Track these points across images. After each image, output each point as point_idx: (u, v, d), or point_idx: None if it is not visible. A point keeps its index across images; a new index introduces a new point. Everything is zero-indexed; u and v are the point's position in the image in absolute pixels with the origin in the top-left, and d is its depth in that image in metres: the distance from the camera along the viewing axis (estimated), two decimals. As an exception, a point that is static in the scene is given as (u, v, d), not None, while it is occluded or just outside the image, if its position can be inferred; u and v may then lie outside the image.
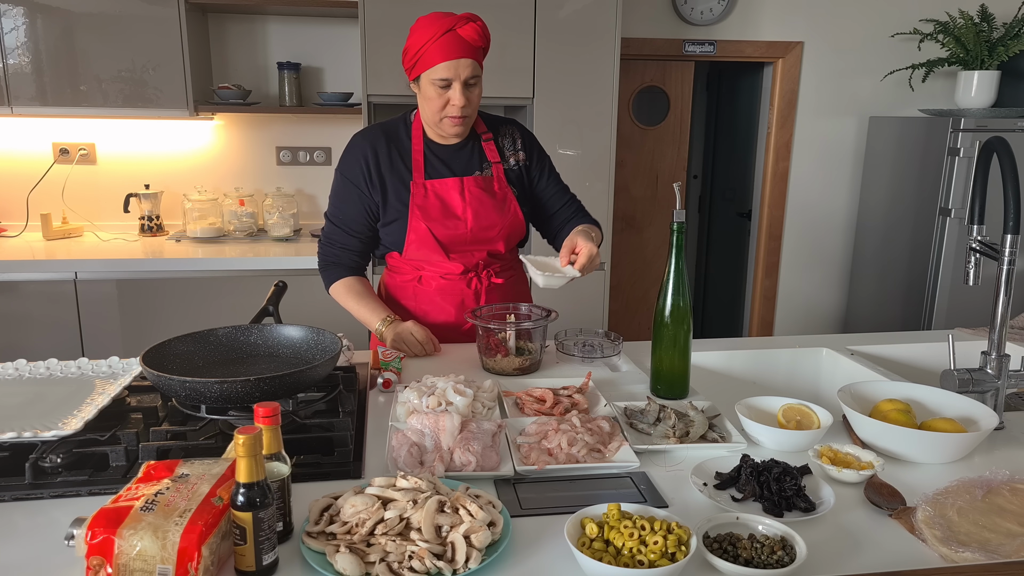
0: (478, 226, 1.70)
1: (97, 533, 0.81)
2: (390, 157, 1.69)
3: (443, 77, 1.55)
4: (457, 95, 1.56)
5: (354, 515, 0.92)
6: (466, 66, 1.54)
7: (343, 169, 1.72)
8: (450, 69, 1.54)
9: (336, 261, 1.76)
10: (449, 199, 1.69)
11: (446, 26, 1.52)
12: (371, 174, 1.68)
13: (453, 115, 1.60)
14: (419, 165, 1.69)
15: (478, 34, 1.54)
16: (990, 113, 3.32)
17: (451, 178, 1.69)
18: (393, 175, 1.69)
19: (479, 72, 1.59)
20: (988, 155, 1.31)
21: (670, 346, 1.39)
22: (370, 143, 1.70)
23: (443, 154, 1.71)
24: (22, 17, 2.74)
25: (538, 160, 1.80)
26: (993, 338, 1.32)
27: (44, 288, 2.71)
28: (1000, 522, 0.98)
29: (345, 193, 1.71)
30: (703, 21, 3.50)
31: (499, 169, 1.73)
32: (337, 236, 1.74)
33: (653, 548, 0.86)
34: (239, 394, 1.17)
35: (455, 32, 1.52)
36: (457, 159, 1.71)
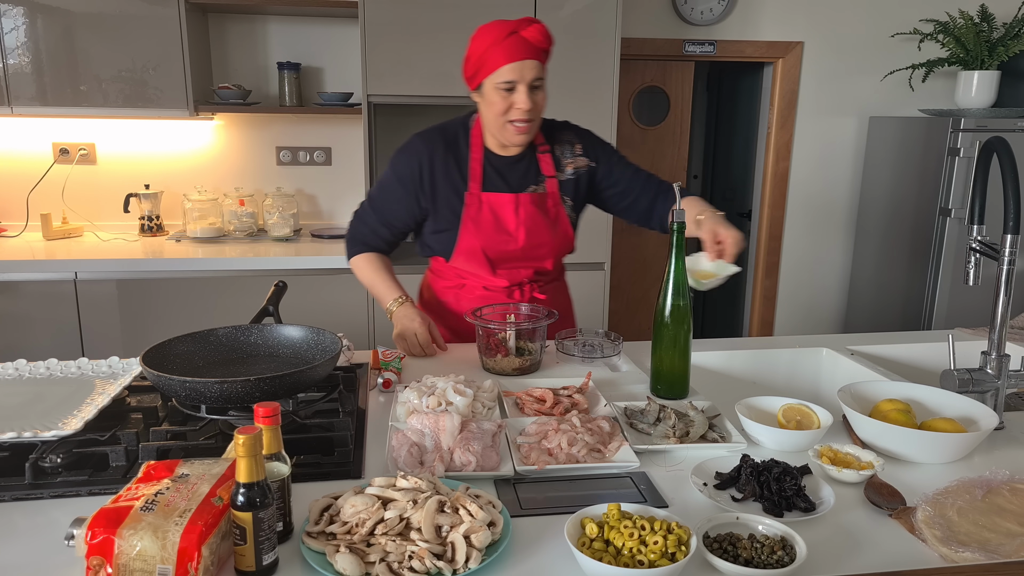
0: (529, 244, 1.69)
1: (97, 533, 0.81)
2: (446, 165, 1.66)
3: (507, 80, 1.52)
4: (522, 98, 1.53)
5: (354, 515, 0.92)
6: (531, 67, 1.51)
7: (396, 166, 1.69)
8: (515, 71, 1.51)
9: (362, 240, 1.77)
10: (503, 215, 1.66)
11: (509, 29, 1.50)
12: (423, 180, 1.66)
13: (518, 119, 1.56)
14: (476, 175, 1.66)
15: (543, 35, 1.52)
16: (990, 113, 3.32)
17: (507, 193, 1.66)
18: (447, 184, 1.66)
19: (543, 75, 1.56)
20: (988, 155, 1.31)
21: (670, 346, 1.39)
22: (429, 148, 1.67)
23: (500, 166, 1.68)
24: (22, 17, 2.74)
25: (604, 158, 1.75)
26: (993, 338, 1.32)
27: (44, 288, 2.71)
28: (1000, 522, 0.98)
29: (391, 189, 1.70)
30: (703, 21, 3.50)
31: (553, 184, 1.70)
32: (370, 220, 1.75)
33: (653, 548, 0.86)
34: (239, 394, 1.17)
35: (519, 34, 1.50)
36: (513, 172, 1.68)
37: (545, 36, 1.53)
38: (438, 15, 2.78)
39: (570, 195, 1.72)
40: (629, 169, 1.77)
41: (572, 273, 3.04)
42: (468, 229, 1.67)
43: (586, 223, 3.00)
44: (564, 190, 1.71)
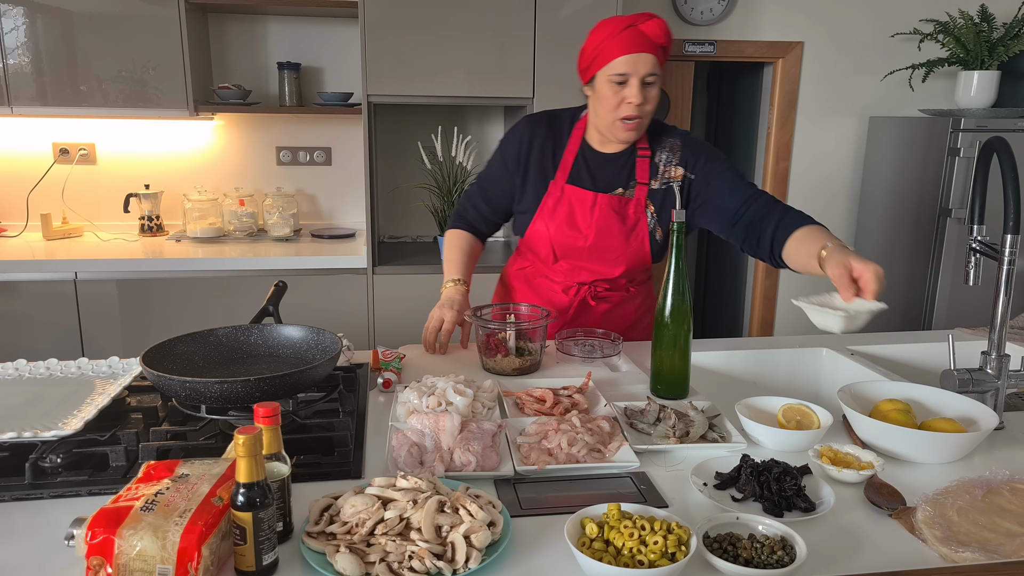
0: (597, 246, 1.66)
1: (97, 533, 0.81)
2: (543, 149, 1.67)
3: (621, 72, 1.50)
4: (634, 92, 1.51)
5: (354, 515, 0.92)
6: (646, 61, 1.49)
7: (502, 144, 1.73)
8: (629, 63, 1.49)
9: (464, 215, 1.81)
10: (578, 210, 1.65)
11: (627, 23, 1.49)
12: (520, 159, 1.68)
13: (628, 115, 1.53)
14: (566, 167, 1.65)
15: (661, 30, 1.49)
16: (990, 113, 3.32)
17: (588, 191, 1.64)
18: (539, 169, 1.68)
19: (658, 72, 1.52)
20: (988, 155, 1.31)
21: (670, 346, 1.39)
22: (531, 130, 1.68)
23: (594, 162, 1.66)
24: (22, 17, 2.74)
25: (704, 168, 1.64)
26: (993, 338, 1.32)
27: (44, 288, 2.71)
28: (1000, 522, 0.98)
29: (495, 165, 1.74)
30: (703, 21, 3.50)
31: (643, 191, 1.64)
32: (475, 197, 1.79)
33: (653, 548, 0.86)
34: (239, 394, 1.17)
35: (636, 27, 1.48)
36: (605, 171, 1.65)
37: (664, 32, 1.50)
38: (438, 15, 2.78)
39: (656, 205, 1.65)
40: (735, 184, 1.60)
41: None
42: (543, 216, 1.67)
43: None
44: (652, 198, 1.65)
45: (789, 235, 1.47)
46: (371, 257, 2.89)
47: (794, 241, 1.46)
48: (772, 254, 1.53)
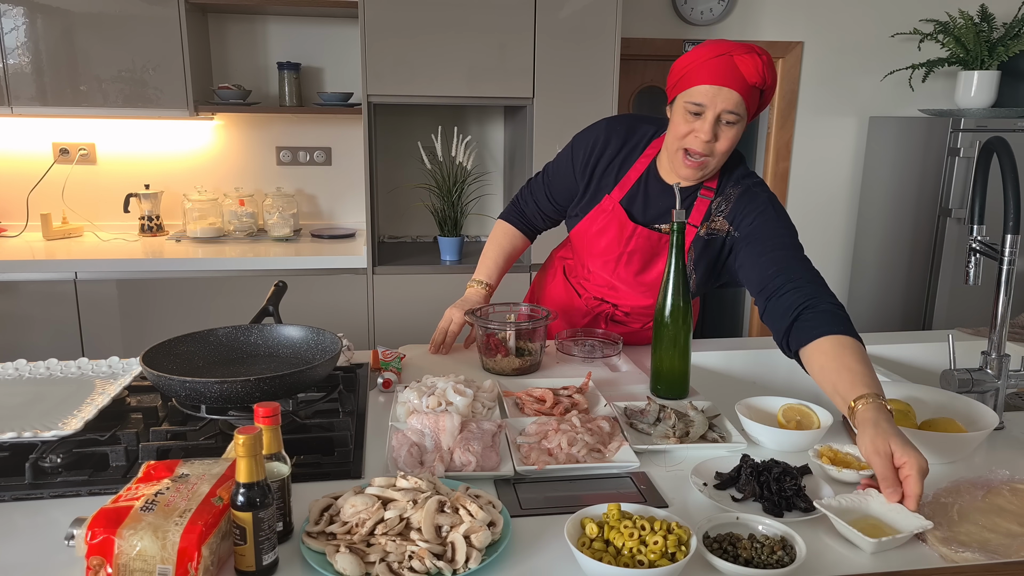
0: (623, 277, 1.59)
1: (97, 533, 0.81)
2: (612, 159, 1.55)
3: (697, 101, 1.35)
4: (706, 127, 1.35)
5: (354, 515, 0.92)
6: (727, 97, 1.33)
7: (575, 141, 1.62)
8: (708, 94, 1.34)
9: (524, 208, 1.75)
10: (615, 236, 1.55)
11: (723, 50, 1.33)
12: (588, 162, 1.57)
13: (693, 148, 1.39)
14: (626, 185, 1.53)
15: (756, 68, 1.32)
16: (990, 113, 3.32)
17: (630, 222, 1.53)
18: (603, 177, 1.57)
19: (742, 112, 1.35)
20: (988, 155, 1.31)
21: (670, 346, 1.39)
22: (607, 135, 1.56)
23: (654, 190, 1.52)
24: (22, 17, 2.74)
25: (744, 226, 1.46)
26: (993, 338, 1.32)
27: (44, 288, 2.71)
28: (1000, 522, 0.98)
29: (563, 159, 1.64)
30: (703, 21, 3.50)
31: (690, 232, 1.50)
32: (539, 191, 1.71)
33: (653, 548, 0.86)
34: (239, 394, 1.17)
35: (730, 57, 1.32)
36: (660, 201, 1.52)
37: (758, 71, 1.33)
38: (438, 15, 2.78)
39: (697, 253, 1.51)
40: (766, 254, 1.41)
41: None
42: (585, 225, 1.59)
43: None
44: (695, 244, 1.51)
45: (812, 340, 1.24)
46: (371, 257, 2.89)
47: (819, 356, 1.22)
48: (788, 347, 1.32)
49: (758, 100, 1.39)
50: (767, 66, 1.35)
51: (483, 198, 3.50)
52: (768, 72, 1.35)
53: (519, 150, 3.13)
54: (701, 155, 1.39)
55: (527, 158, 2.98)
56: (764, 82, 1.35)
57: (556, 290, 1.81)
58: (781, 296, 1.33)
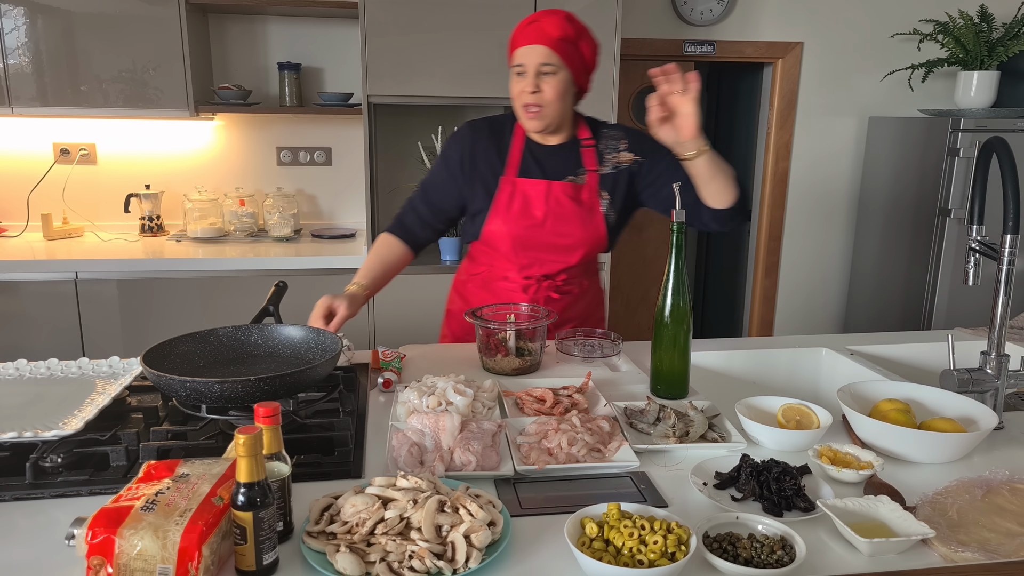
0: (555, 232, 1.70)
1: (98, 533, 0.81)
2: (488, 150, 1.73)
3: (518, 63, 1.61)
4: (527, 82, 1.59)
5: (354, 515, 0.92)
6: (538, 52, 1.57)
7: (444, 151, 1.79)
8: (523, 55, 1.59)
9: (404, 220, 1.82)
10: (533, 200, 1.69)
11: (531, 19, 1.60)
12: (465, 161, 1.73)
13: (527, 101, 1.61)
14: (514, 162, 1.71)
15: (557, 24, 1.56)
16: (990, 113, 3.32)
17: (540, 180, 1.70)
18: (487, 168, 1.72)
19: (556, 62, 1.58)
20: (988, 155, 1.32)
21: (670, 346, 1.39)
22: (473, 133, 1.75)
23: (540, 154, 1.72)
24: (22, 17, 2.74)
25: (651, 152, 1.69)
26: (992, 338, 1.32)
27: (44, 288, 2.71)
28: (1000, 522, 0.98)
29: (438, 171, 1.78)
30: (703, 21, 3.51)
31: (593, 177, 1.70)
32: (418, 203, 1.80)
33: (653, 548, 0.86)
34: (239, 394, 1.17)
35: (537, 21, 1.58)
36: (552, 161, 1.71)
37: (560, 25, 1.56)
38: (438, 15, 2.78)
39: (608, 190, 1.71)
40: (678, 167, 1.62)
41: (572, 273, 3.05)
42: (498, 212, 1.70)
43: (586, 223, 3.01)
44: (603, 184, 1.71)
45: None
46: (371, 257, 2.89)
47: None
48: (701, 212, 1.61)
49: (576, 52, 1.60)
50: (569, 20, 1.58)
51: (483, 198, 3.50)
52: (570, 25, 1.58)
53: (519, 150, 3.13)
54: (535, 105, 1.61)
55: (527, 158, 2.98)
56: (569, 35, 1.57)
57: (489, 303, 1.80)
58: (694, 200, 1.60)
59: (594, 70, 1.67)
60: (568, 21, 1.58)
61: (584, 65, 1.64)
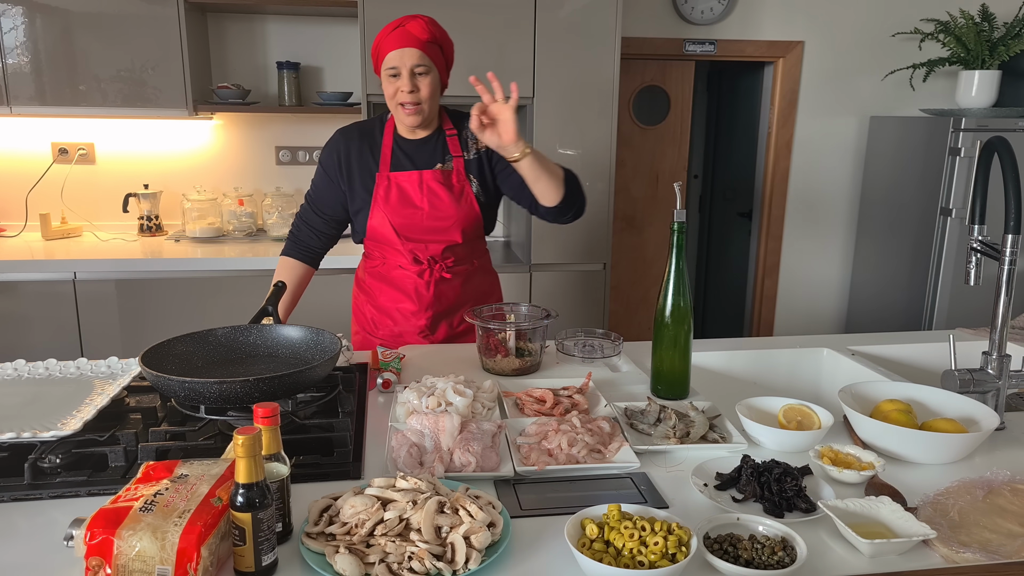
0: (433, 215, 1.80)
1: (96, 534, 0.81)
2: (361, 151, 1.83)
3: (392, 66, 1.69)
4: (404, 82, 1.69)
5: (354, 516, 0.92)
6: (411, 55, 1.67)
7: (321, 159, 1.90)
8: (396, 58, 1.68)
9: (298, 237, 1.91)
10: (409, 190, 1.80)
11: (397, 24, 1.69)
12: (342, 165, 1.84)
13: (403, 101, 1.71)
14: (386, 159, 1.82)
15: (423, 27, 1.68)
16: (991, 113, 3.32)
17: (413, 171, 1.80)
18: (362, 167, 1.83)
19: (427, 63, 1.70)
20: (989, 155, 1.31)
21: (670, 346, 1.39)
22: (345, 139, 1.86)
23: (409, 149, 1.83)
24: (21, 17, 2.74)
25: None
26: (994, 338, 1.32)
27: (43, 288, 2.71)
28: (1001, 523, 0.98)
29: (319, 180, 1.90)
30: (703, 20, 3.50)
31: (459, 163, 1.82)
32: (307, 214, 1.91)
33: (653, 549, 0.86)
34: (238, 394, 1.16)
35: (403, 26, 1.68)
36: (421, 153, 1.82)
37: (426, 28, 1.68)
38: (438, 14, 2.77)
39: (475, 174, 1.83)
40: None
41: (572, 272, 3.05)
42: (378, 206, 1.80)
43: (586, 223, 3.01)
44: (469, 169, 1.83)
45: None
46: (371, 257, 2.88)
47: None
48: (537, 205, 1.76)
49: (441, 53, 1.73)
50: (431, 23, 1.70)
51: (483, 198, 3.50)
52: (434, 28, 1.70)
53: (519, 150, 3.13)
54: (412, 103, 1.71)
55: (527, 158, 2.97)
56: (434, 36, 1.69)
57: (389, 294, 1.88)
58: None
59: (452, 66, 1.81)
60: (431, 24, 1.70)
61: (447, 64, 1.78)
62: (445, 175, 1.81)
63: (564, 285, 3.06)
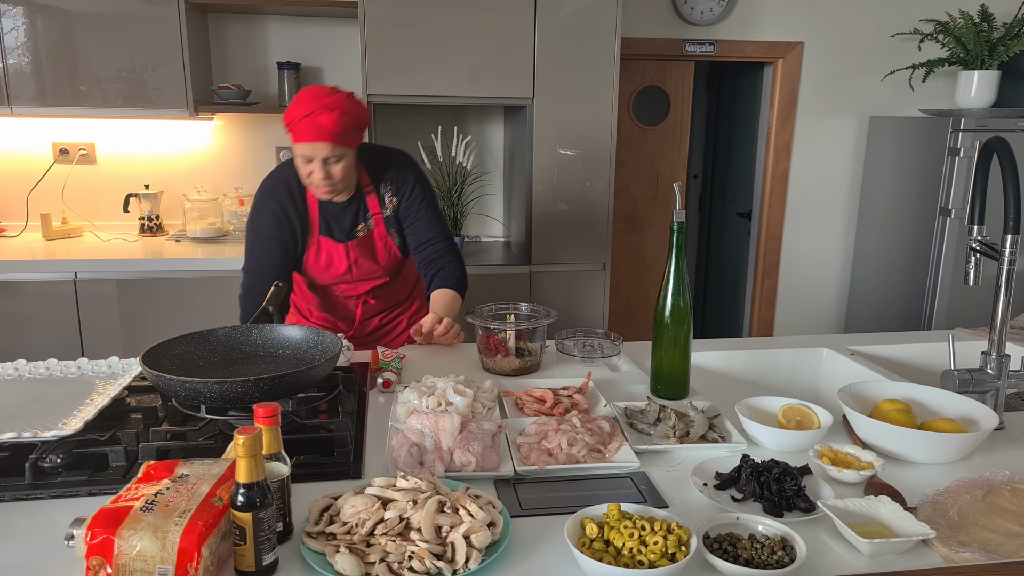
0: (359, 275, 1.88)
1: (97, 533, 0.81)
2: (296, 207, 1.81)
3: (303, 153, 1.67)
4: (316, 172, 1.68)
5: (354, 515, 0.92)
6: (322, 148, 1.64)
7: (256, 226, 1.81)
8: (307, 149, 1.66)
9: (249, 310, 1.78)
10: (335, 258, 1.84)
11: (307, 111, 1.62)
12: (283, 223, 1.80)
13: (315, 184, 1.70)
14: (315, 220, 1.83)
15: (335, 122, 1.61)
16: (990, 113, 3.32)
17: (338, 243, 1.83)
18: (295, 223, 1.81)
19: (340, 152, 1.67)
20: (988, 155, 1.31)
21: (670, 346, 1.39)
22: (277, 199, 1.80)
23: (333, 212, 1.83)
24: (22, 17, 2.74)
25: (410, 199, 1.86)
26: (993, 338, 1.32)
27: (44, 288, 2.71)
28: (1000, 522, 0.98)
29: (262, 246, 1.80)
30: (703, 21, 3.50)
31: (379, 219, 1.85)
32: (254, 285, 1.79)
33: (653, 548, 0.86)
34: (239, 394, 1.17)
35: (313, 117, 1.62)
36: (344, 217, 1.83)
37: (338, 122, 1.61)
38: (438, 15, 2.78)
39: (394, 228, 1.87)
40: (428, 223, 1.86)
41: (572, 272, 3.05)
42: (307, 262, 1.86)
43: (587, 223, 3.02)
44: (389, 224, 1.87)
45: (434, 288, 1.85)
46: (371, 257, 2.88)
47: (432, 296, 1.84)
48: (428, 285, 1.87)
49: (355, 133, 1.69)
50: (344, 116, 1.62)
51: (483, 198, 3.50)
52: (346, 119, 1.63)
53: (519, 150, 3.13)
54: (326, 186, 1.71)
55: (527, 158, 2.98)
56: (346, 127, 1.64)
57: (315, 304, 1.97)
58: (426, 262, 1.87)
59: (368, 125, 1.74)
60: (344, 116, 1.62)
61: (362, 133, 1.73)
62: (367, 238, 1.84)
63: (564, 285, 3.07)
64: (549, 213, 3.00)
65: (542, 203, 2.99)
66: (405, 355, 1.66)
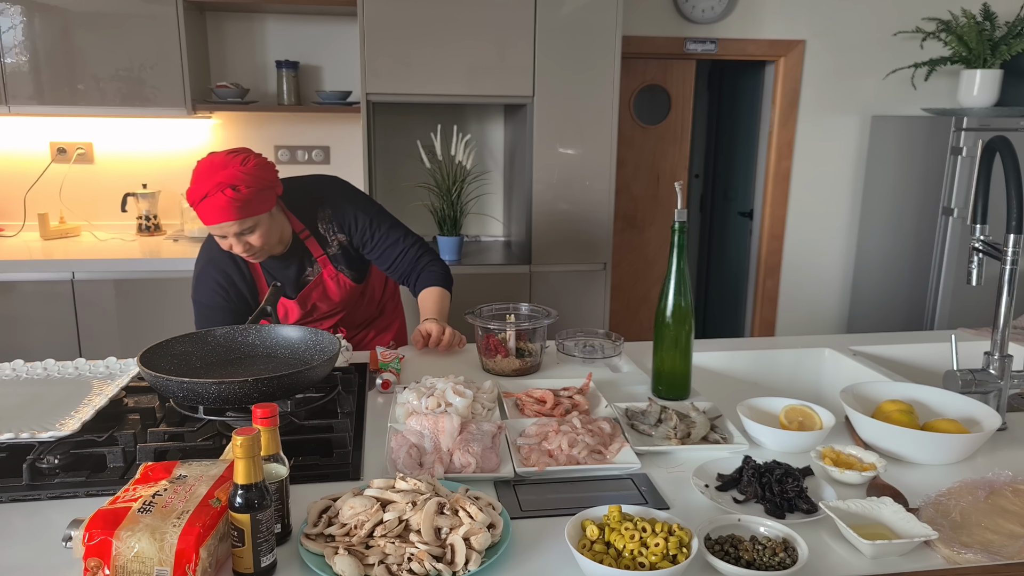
0: (320, 315, 1.87)
1: (95, 535, 0.81)
2: (240, 272, 1.76)
3: (216, 234, 1.63)
4: (235, 246, 1.63)
5: (353, 517, 0.91)
6: (229, 227, 1.58)
7: (202, 299, 1.77)
8: (215, 229, 1.61)
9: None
10: (290, 310, 1.82)
11: (203, 192, 1.55)
12: (228, 292, 1.76)
13: (240, 253, 1.66)
14: (262, 281, 1.79)
15: (230, 200, 1.53)
16: (993, 112, 3.31)
17: (290, 300, 1.80)
18: (246, 287, 1.78)
19: (251, 223, 1.60)
20: (991, 154, 1.31)
21: (671, 346, 1.39)
22: (217, 267, 1.75)
23: (276, 268, 1.78)
24: (19, 16, 2.73)
25: (359, 230, 1.81)
26: (996, 338, 1.31)
27: (41, 288, 2.71)
28: (1003, 523, 0.98)
29: (212, 319, 1.75)
30: (704, 19, 3.49)
31: (324, 260, 1.80)
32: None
33: (654, 550, 0.86)
34: (237, 395, 1.16)
35: (209, 201, 1.55)
36: (288, 269, 1.79)
37: (234, 199, 1.53)
38: (438, 13, 2.77)
39: (343, 264, 1.82)
40: (389, 240, 1.82)
41: (572, 272, 3.04)
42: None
43: (587, 222, 3.01)
44: (336, 262, 1.82)
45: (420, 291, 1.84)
46: (371, 256, 2.88)
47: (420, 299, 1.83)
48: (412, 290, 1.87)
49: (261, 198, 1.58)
50: (242, 187, 1.54)
51: (483, 197, 3.49)
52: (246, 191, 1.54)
53: (519, 149, 3.13)
54: (250, 256, 1.67)
55: (527, 157, 2.97)
56: (246, 196, 1.54)
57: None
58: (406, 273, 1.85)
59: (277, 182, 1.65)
60: (240, 189, 1.54)
61: (273, 193, 1.63)
62: (316, 281, 1.80)
63: (564, 285, 3.06)
64: (549, 212, 3.00)
65: (542, 202, 2.98)
66: (404, 356, 1.65)
